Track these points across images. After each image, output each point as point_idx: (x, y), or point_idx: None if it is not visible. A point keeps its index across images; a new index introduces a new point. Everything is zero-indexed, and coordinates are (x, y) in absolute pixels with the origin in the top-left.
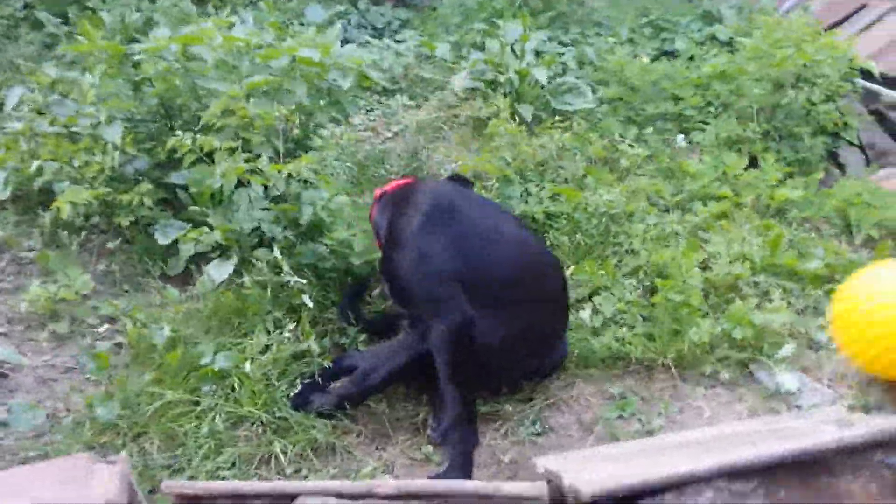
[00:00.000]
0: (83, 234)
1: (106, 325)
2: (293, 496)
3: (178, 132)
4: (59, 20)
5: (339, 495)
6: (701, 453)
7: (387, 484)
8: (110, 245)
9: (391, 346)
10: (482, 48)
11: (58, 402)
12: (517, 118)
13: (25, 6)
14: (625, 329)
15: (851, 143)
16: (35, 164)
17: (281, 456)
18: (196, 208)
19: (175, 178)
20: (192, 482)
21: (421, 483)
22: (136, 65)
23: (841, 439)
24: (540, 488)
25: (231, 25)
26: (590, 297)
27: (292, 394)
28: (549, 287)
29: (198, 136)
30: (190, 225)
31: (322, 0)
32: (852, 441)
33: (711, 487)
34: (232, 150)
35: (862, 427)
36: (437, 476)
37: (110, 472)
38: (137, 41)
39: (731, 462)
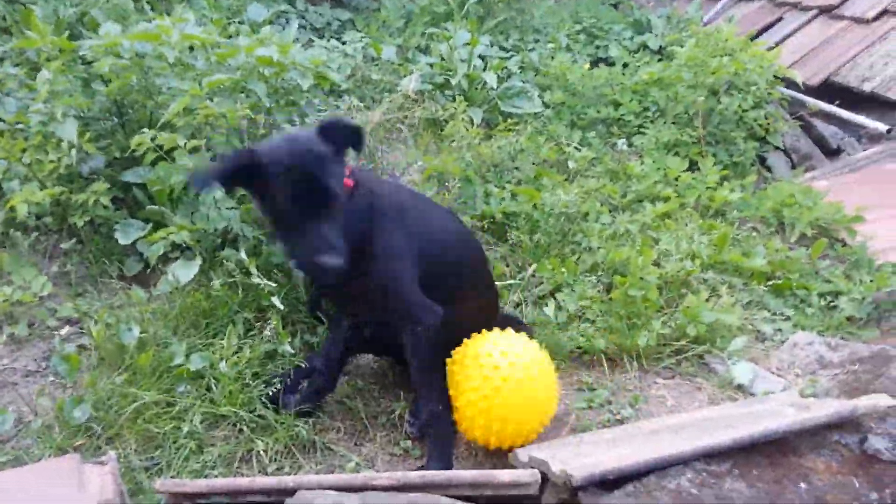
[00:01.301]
0: (34, 234)
1: (67, 327)
2: (292, 491)
3: (143, 130)
4: None
5: (338, 489)
6: (677, 438)
7: (385, 476)
8: (64, 245)
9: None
10: (426, 51)
11: (23, 406)
12: (467, 121)
13: None
14: (587, 324)
15: (777, 148)
16: None
17: (262, 454)
18: (155, 207)
19: (131, 176)
20: (188, 480)
21: (418, 474)
22: (84, 61)
23: (803, 421)
24: (534, 475)
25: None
26: (552, 293)
27: (270, 393)
28: (485, 275)
29: (157, 134)
30: (150, 224)
31: None
32: (814, 422)
33: (691, 469)
34: (195, 149)
35: (819, 410)
36: (421, 468)
37: (102, 473)
38: (73, 37)
39: (709, 445)
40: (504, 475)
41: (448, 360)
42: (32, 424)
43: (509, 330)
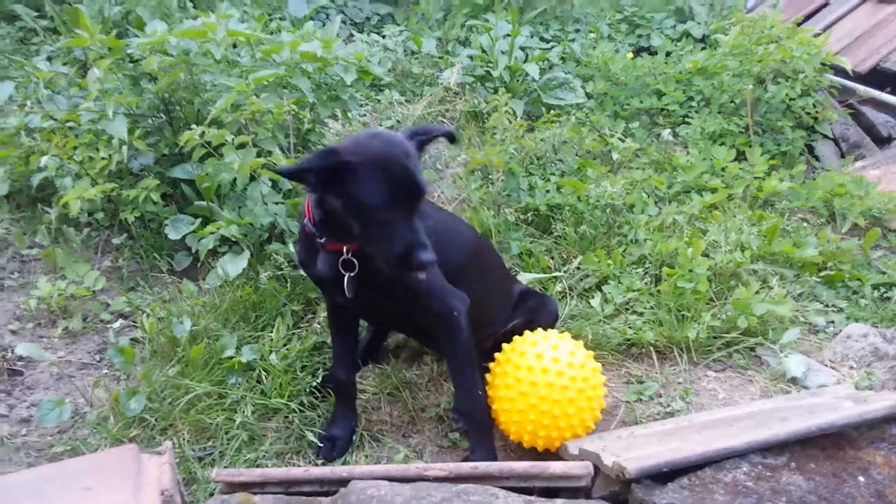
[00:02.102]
0: (86, 230)
1: (119, 321)
2: (345, 481)
3: (191, 126)
4: (35, 13)
5: (391, 479)
6: (731, 431)
7: (438, 467)
8: (115, 241)
9: None
10: (466, 43)
11: (79, 398)
12: (510, 113)
13: None
14: (634, 316)
15: (826, 136)
16: (43, 159)
17: (313, 445)
18: (203, 203)
19: (179, 172)
20: (243, 470)
21: (470, 465)
22: (132, 59)
23: (862, 414)
24: (586, 466)
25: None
26: (598, 286)
27: (317, 382)
28: (486, 262)
29: (205, 130)
30: (198, 220)
31: None
32: (873, 415)
33: (747, 462)
34: (242, 145)
35: (878, 403)
36: (466, 459)
37: (159, 462)
38: (118, 35)
39: (765, 437)
40: (556, 466)
41: (496, 357)
42: (89, 415)
43: (555, 332)
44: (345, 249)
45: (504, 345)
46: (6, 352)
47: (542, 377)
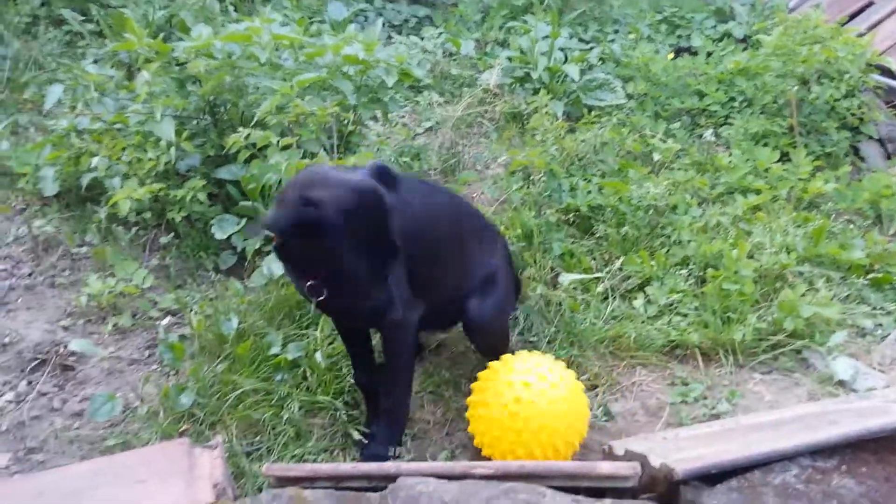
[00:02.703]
0: (134, 229)
1: (168, 318)
2: (393, 477)
3: (239, 129)
4: (81, 18)
5: (438, 476)
6: (779, 433)
7: (484, 465)
8: (162, 240)
9: None
10: (505, 45)
11: (129, 393)
12: (551, 114)
13: (43, 3)
14: (678, 317)
15: (871, 137)
16: (94, 160)
17: (359, 442)
18: (248, 203)
19: (224, 173)
20: (293, 465)
21: (518, 464)
22: (177, 62)
23: None
24: (633, 467)
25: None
26: (640, 287)
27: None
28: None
29: (251, 132)
30: (244, 220)
31: None
32: None
33: (796, 465)
34: (286, 146)
35: None
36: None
37: (211, 456)
38: (162, 39)
39: (815, 440)
40: (604, 467)
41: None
42: (139, 410)
43: (535, 353)
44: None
45: (489, 366)
46: (58, 347)
47: (521, 401)
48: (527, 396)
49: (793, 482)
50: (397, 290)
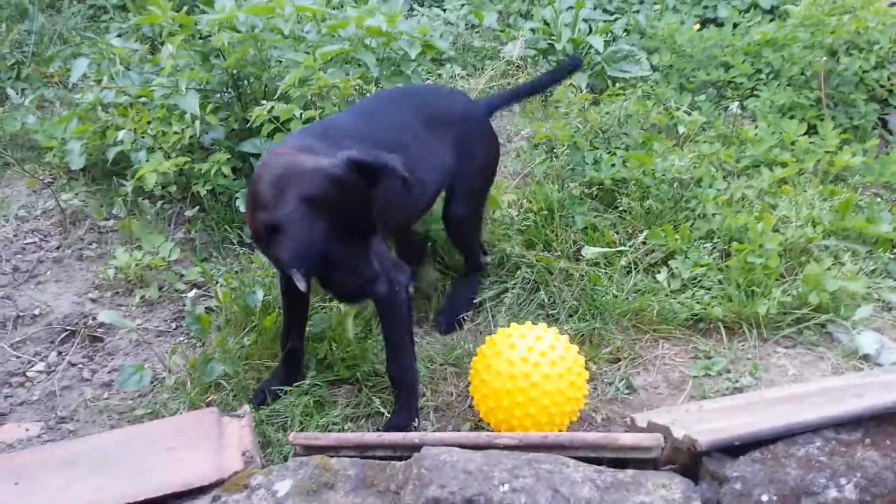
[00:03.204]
0: (160, 202)
1: (194, 290)
2: (418, 447)
3: (262, 102)
4: None
5: (462, 446)
6: (802, 406)
7: (508, 435)
8: (188, 213)
9: None
10: (528, 16)
11: (157, 364)
12: (575, 86)
13: None
14: (702, 291)
15: None
16: (120, 134)
17: (381, 412)
18: None
19: (248, 146)
20: (319, 434)
21: (541, 435)
22: (201, 35)
23: None
24: (657, 438)
25: None
26: (664, 261)
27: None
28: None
29: (274, 105)
30: None
31: None
32: None
33: (820, 437)
34: (309, 119)
35: None
36: (390, 420)
37: (239, 425)
38: (185, 12)
39: (839, 412)
40: (626, 438)
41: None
42: (167, 381)
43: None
44: None
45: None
46: (87, 319)
47: (523, 368)
48: (522, 369)
49: (816, 454)
50: (381, 264)
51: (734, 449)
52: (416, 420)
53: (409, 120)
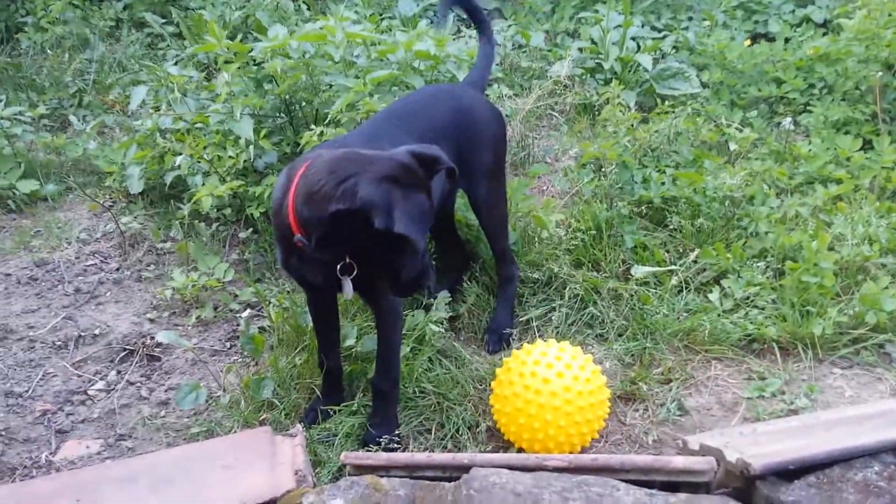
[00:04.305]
0: (215, 224)
1: (247, 311)
2: (467, 468)
3: (311, 127)
4: (161, 20)
5: (511, 467)
6: (860, 429)
7: (557, 458)
8: (241, 235)
9: None
10: (575, 36)
11: (212, 383)
12: (623, 104)
13: (126, 7)
14: (755, 311)
15: None
16: (178, 159)
17: (430, 429)
18: None
19: None
20: (371, 453)
21: (591, 457)
22: (254, 62)
23: None
24: (709, 462)
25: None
26: (716, 280)
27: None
28: None
29: (324, 129)
30: None
31: None
32: None
33: (878, 461)
34: None
35: None
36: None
37: (292, 444)
38: (240, 39)
39: None
40: (678, 461)
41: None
42: (222, 399)
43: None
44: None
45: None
46: (145, 339)
47: (547, 386)
48: (536, 385)
49: (874, 479)
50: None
51: (789, 473)
52: (398, 428)
53: (408, 137)
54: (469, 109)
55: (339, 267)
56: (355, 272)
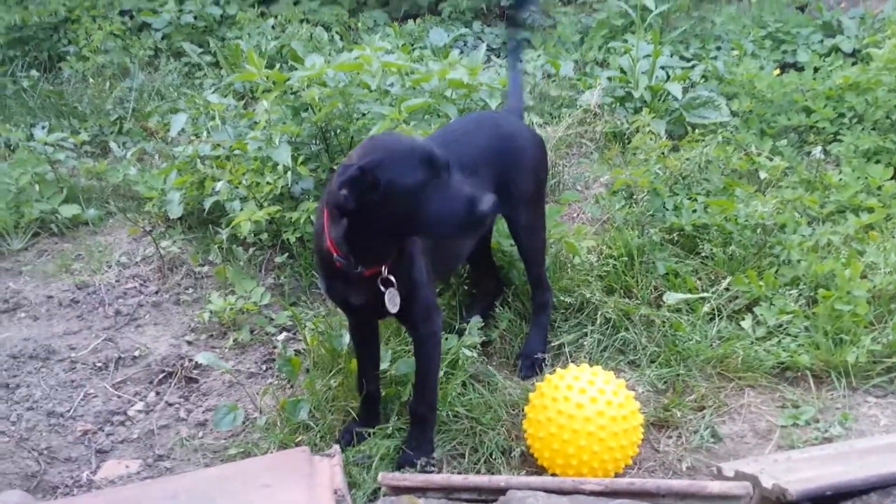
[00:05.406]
0: (252, 249)
1: (283, 334)
2: (503, 490)
3: (346, 153)
4: (199, 50)
5: (548, 490)
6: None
7: (594, 481)
8: (277, 259)
9: None
10: (604, 65)
11: (248, 405)
12: (654, 133)
13: (164, 37)
14: (788, 339)
15: None
16: (218, 185)
17: (462, 452)
18: None
19: None
20: (407, 474)
21: (627, 481)
22: (291, 90)
23: None
24: (745, 487)
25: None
26: (748, 307)
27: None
28: None
29: None
30: None
31: (442, 23)
32: None
33: None
34: None
35: None
36: (404, 452)
37: (330, 464)
38: (273, 68)
39: None
40: (714, 486)
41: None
42: (258, 421)
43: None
44: (383, 270)
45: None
46: (183, 361)
47: (581, 411)
48: (569, 410)
49: None
50: (428, 301)
51: (825, 499)
52: (434, 452)
53: (454, 161)
54: (511, 136)
55: (379, 280)
56: (395, 285)
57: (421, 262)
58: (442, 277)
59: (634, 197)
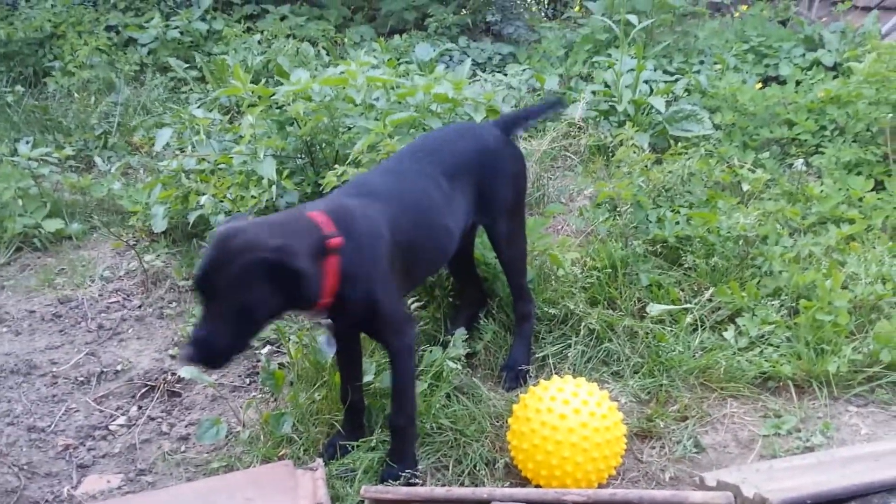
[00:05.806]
0: None
1: (267, 347)
2: (486, 502)
3: (335, 166)
4: (185, 65)
5: (531, 502)
6: (876, 466)
7: (577, 492)
8: None
9: None
10: (588, 79)
11: (232, 418)
12: (637, 146)
13: (150, 52)
14: (770, 349)
15: None
16: (202, 198)
17: (447, 465)
18: None
19: None
20: (390, 487)
21: (610, 492)
22: (277, 105)
23: None
24: (728, 496)
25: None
26: (730, 318)
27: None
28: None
29: (346, 170)
30: None
31: (428, 38)
32: None
33: (895, 497)
34: None
35: None
36: (388, 466)
37: (313, 477)
38: (259, 83)
39: None
40: (696, 496)
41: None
42: (241, 435)
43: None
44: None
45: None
46: (166, 375)
47: (564, 422)
48: (553, 421)
49: None
50: (398, 313)
51: None
52: (417, 464)
53: (432, 172)
54: (490, 146)
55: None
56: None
57: (381, 277)
58: (414, 287)
59: (618, 209)
